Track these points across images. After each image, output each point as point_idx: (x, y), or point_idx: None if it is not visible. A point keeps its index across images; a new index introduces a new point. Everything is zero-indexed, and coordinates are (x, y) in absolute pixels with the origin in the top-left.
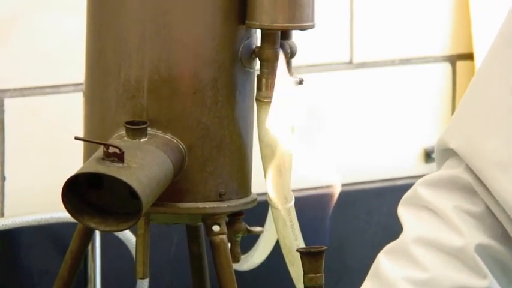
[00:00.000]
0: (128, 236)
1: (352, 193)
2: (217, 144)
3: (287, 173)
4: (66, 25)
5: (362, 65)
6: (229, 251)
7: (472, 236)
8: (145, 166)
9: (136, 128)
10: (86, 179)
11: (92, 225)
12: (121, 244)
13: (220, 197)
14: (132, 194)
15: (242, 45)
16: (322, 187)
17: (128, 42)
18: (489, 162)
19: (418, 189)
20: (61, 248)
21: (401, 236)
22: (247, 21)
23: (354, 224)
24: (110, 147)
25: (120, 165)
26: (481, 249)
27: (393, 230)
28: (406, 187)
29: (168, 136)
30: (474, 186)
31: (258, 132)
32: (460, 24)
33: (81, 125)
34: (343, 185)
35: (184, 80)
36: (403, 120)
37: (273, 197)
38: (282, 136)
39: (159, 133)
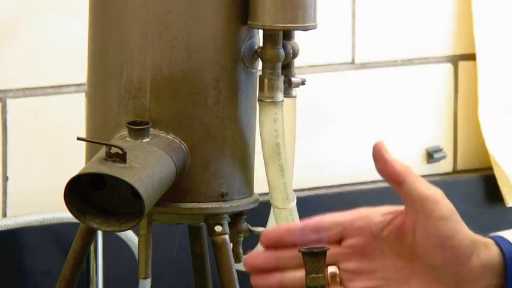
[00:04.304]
0: (130, 236)
1: (354, 193)
2: (219, 144)
3: (289, 173)
4: (69, 25)
5: (364, 66)
6: (231, 251)
7: None
8: (147, 166)
9: (138, 129)
10: (88, 179)
11: (94, 225)
12: (123, 244)
13: (223, 197)
14: (134, 194)
15: (244, 46)
16: (322, 187)
17: (130, 42)
18: None
19: None
20: (63, 248)
21: None
22: (249, 22)
23: None
24: (112, 148)
25: (123, 165)
26: None
27: None
28: None
29: (170, 136)
30: None
31: (260, 133)
32: (462, 24)
33: (84, 125)
34: (344, 185)
35: (186, 80)
36: (404, 121)
37: (275, 197)
38: (284, 137)
39: (162, 133)
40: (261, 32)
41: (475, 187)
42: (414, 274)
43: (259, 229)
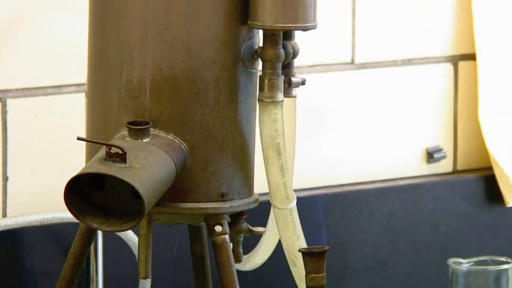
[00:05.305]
0: (130, 236)
1: (354, 193)
2: (219, 144)
3: (289, 173)
4: (69, 25)
5: (364, 66)
6: (231, 251)
7: None
8: (147, 166)
9: (138, 129)
10: (88, 179)
11: (94, 225)
12: (123, 244)
13: (223, 197)
14: (134, 194)
15: (244, 46)
16: (322, 187)
17: (130, 42)
18: None
19: None
20: (63, 248)
21: None
22: (249, 22)
23: (355, 224)
24: (112, 148)
25: (123, 165)
26: None
27: (394, 230)
28: (408, 187)
29: (170, 136)
30: None
31: (260, 133)
32: (462, 24)
33: (84, 125)
34: (344, 185)
35: (186, 80)
36: (404, 121)
37: (275, 197)
38: (284, 137)
39: (162, 133)
40: (261, 32)
41: (475, 187)
42: None
43: (259, 229)
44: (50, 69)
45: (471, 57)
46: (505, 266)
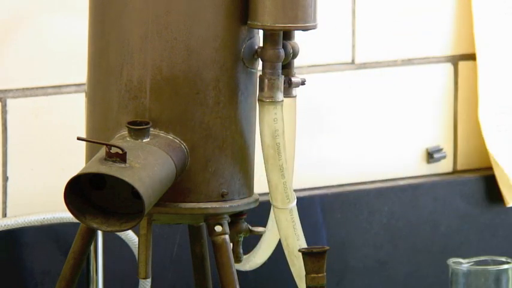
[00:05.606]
0: (130, 236)
1: (354, 193)
2: (219, 144)
3: (289, 173)
4: (69, 25)
5: (364, 66)
6: (231, 251)
7: None
8: (147, 166)
9: (138, 129)
10: (88, 179)
11: (94, 225)
12: (123, 244)
13: (223, 197)
14: (134, 194)
15: (244, 46)
16: (322, 187)
17: (130, 42)
18: None
19: None
20: (63, 248)
21: None
22: (249, 22)
23: (355, 224)
24: (112, 148)
25: (123, 165)
26: None
27: (394, 230)
28: (408, 187)
29: (170, 136)
30: None
31: (260, 133)
32: (462, 24)
33: (84, 125)
34: (344, 185)
35: (186, 80)
36: (404, 121)
37: (275, 197)
38: (284, 137)
39: (162, 133)
40: (261, 32)
41: (475, 187)
42: None
43: (259, 229)
44: (50, 69)
45: (471, 57)
46: (505, 266)
